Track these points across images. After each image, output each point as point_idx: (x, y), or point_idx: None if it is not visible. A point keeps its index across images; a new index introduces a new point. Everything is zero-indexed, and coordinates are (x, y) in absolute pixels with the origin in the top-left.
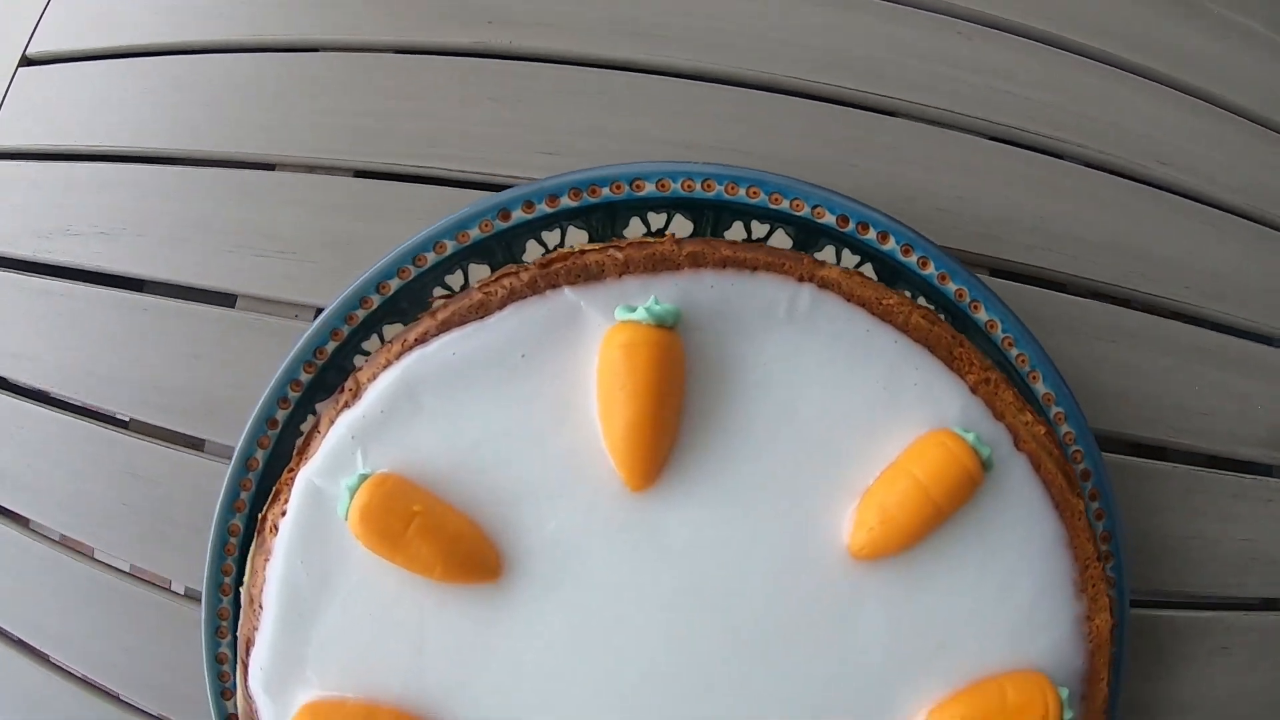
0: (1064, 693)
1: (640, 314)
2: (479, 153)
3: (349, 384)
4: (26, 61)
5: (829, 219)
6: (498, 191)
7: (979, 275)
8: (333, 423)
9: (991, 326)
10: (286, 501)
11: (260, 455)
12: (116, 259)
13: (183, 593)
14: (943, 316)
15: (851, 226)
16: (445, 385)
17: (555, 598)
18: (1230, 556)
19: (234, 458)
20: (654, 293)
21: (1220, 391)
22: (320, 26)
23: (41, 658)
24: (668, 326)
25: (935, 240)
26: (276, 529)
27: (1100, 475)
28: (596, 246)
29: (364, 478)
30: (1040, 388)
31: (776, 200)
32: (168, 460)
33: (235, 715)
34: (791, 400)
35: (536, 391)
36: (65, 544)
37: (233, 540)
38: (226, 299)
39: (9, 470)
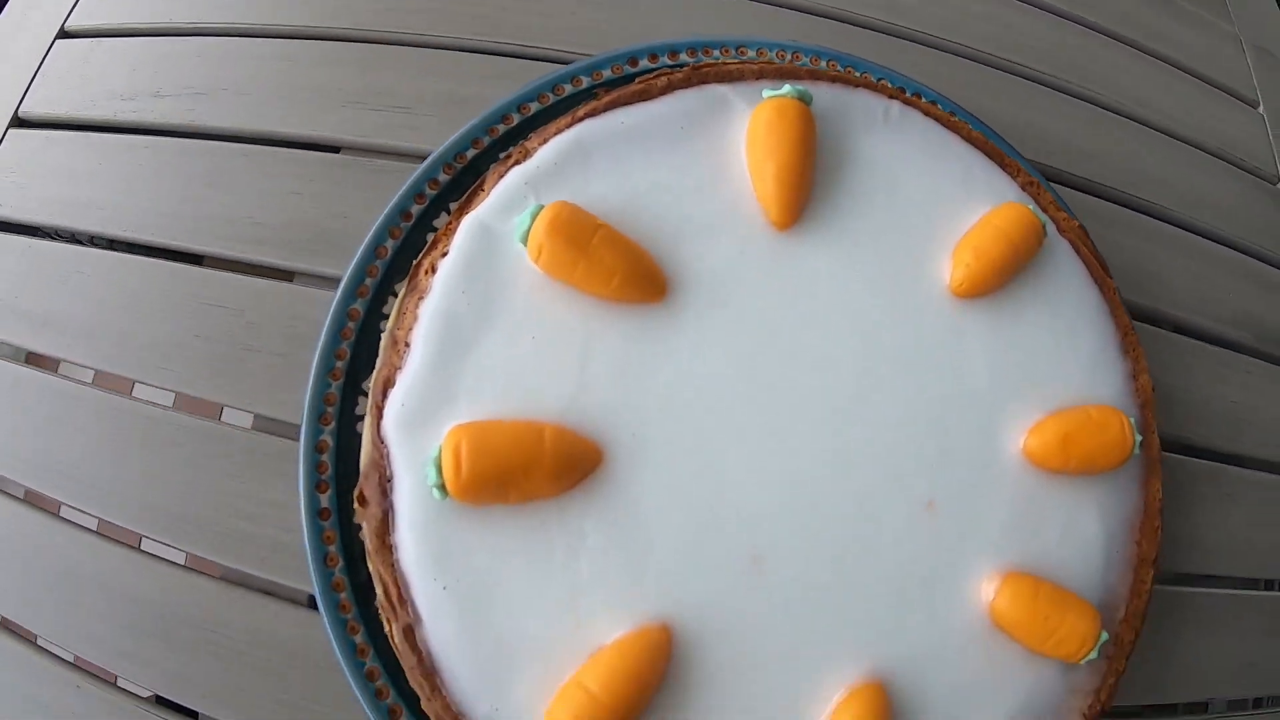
0: (1133, 420)
1: (786, 89)
2: (585, 40)
3: (515, 151)
4: None
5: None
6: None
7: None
8: (501, 177)
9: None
10: (447, 245)
11: (369, 283)
12: (210, 116)
13: (249, 426)
14: None
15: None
16: (614, 145)
17: (713, 318)
18: (1224, 414)
19: (347, 274)
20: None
21: (1187, 276)
22: None
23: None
24: (805, 101)
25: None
26: (434, 269)
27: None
28: (735, 61)
29: (542, 207)
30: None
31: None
32: (251, 290)
33: (330, 536)
34: (894, 178)
35: (694, 155)
36: (99, 384)
37: (339, 364)
38: (332, 148)
39: (67, 320)
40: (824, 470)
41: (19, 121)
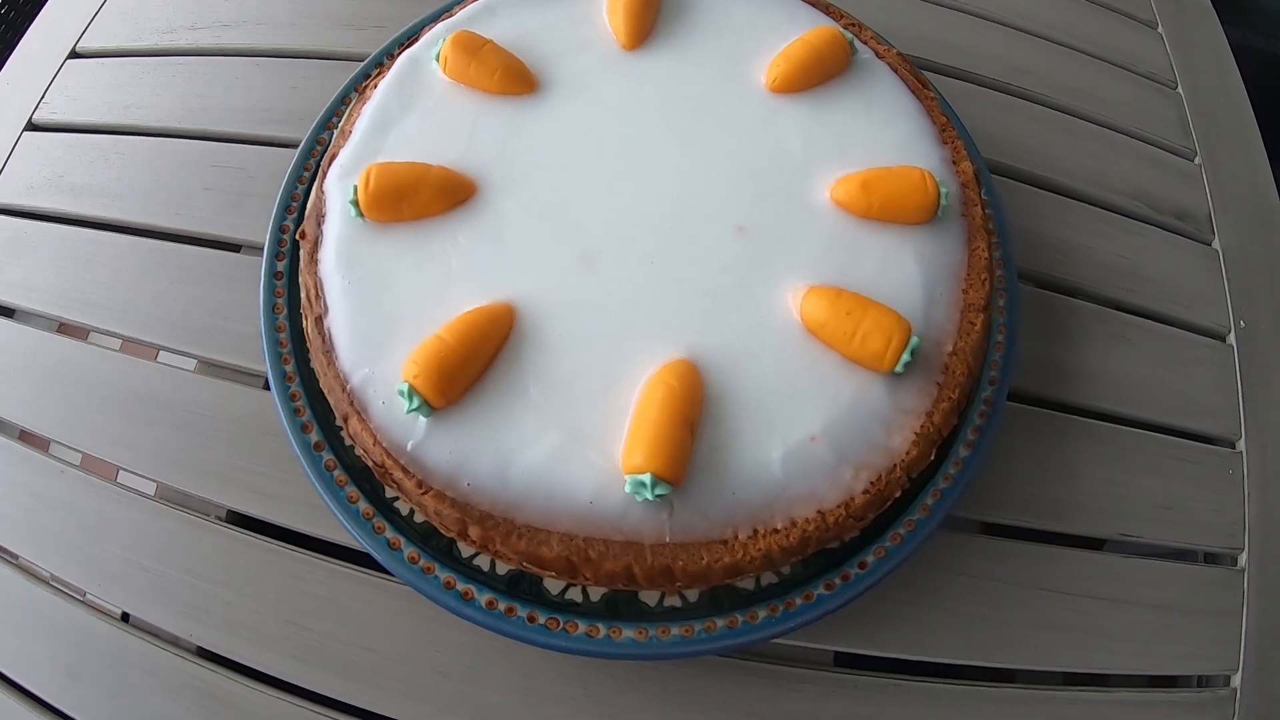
0: (939, 179)
1: None
2: None
3: (444, 14)
4: None
5: None
6: None
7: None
8: (430, 30)
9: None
10: (383, 74)
11: (335, 122)
12: (237, 39)
13: (241, 251)
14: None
15: None
16: (512, 4)
17: (571, 104)
18: (1112, 264)
19: (316, 120)
20: None
21: (1082, 153)
22: None
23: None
24: None
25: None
26: (376, 85)
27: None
28: None
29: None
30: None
31: None
32: (254, 154)
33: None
34: (729, 15)
35: (567, 6)
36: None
37: (299, 189)
38: (329, 57)
39: (106, 187)
40: (649, 199)
41: (75, 54)
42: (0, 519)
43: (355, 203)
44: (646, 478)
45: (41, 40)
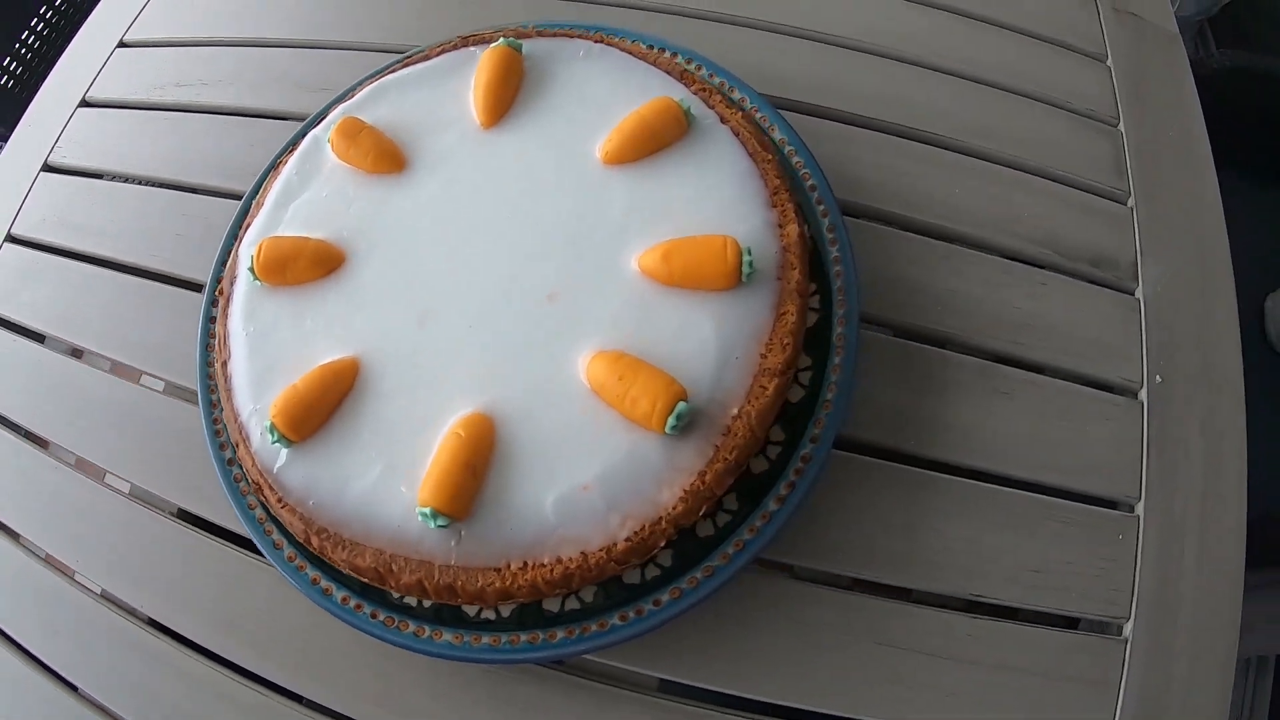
0: (746, 247)
1: (500, 41)
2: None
3: (346, 96)
4: None
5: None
6: None
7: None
8: (332, 111)
9: (724, 87)
10: (291, 154)
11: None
12: (212, 98)
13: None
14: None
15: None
16: (401, 86)
17: (432, 181)
18: (1004, 316)
19: (246, 193)
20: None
21: (987, 198)
22: None
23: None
24: (515, 48)
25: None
26: (286, 162)
27: (829, 202)
28: (490, 31)
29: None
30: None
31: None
32: (212, 204)
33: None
34: (580, 92)
35: (444, 88)
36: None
37: (235, 245)
38: (280, 116)
39: (101, 227)
40: (478, 270)
41: (85, 103)
42: (10, 503)
43: (252, 269)
44: (429, 510)
45: (58, 89)
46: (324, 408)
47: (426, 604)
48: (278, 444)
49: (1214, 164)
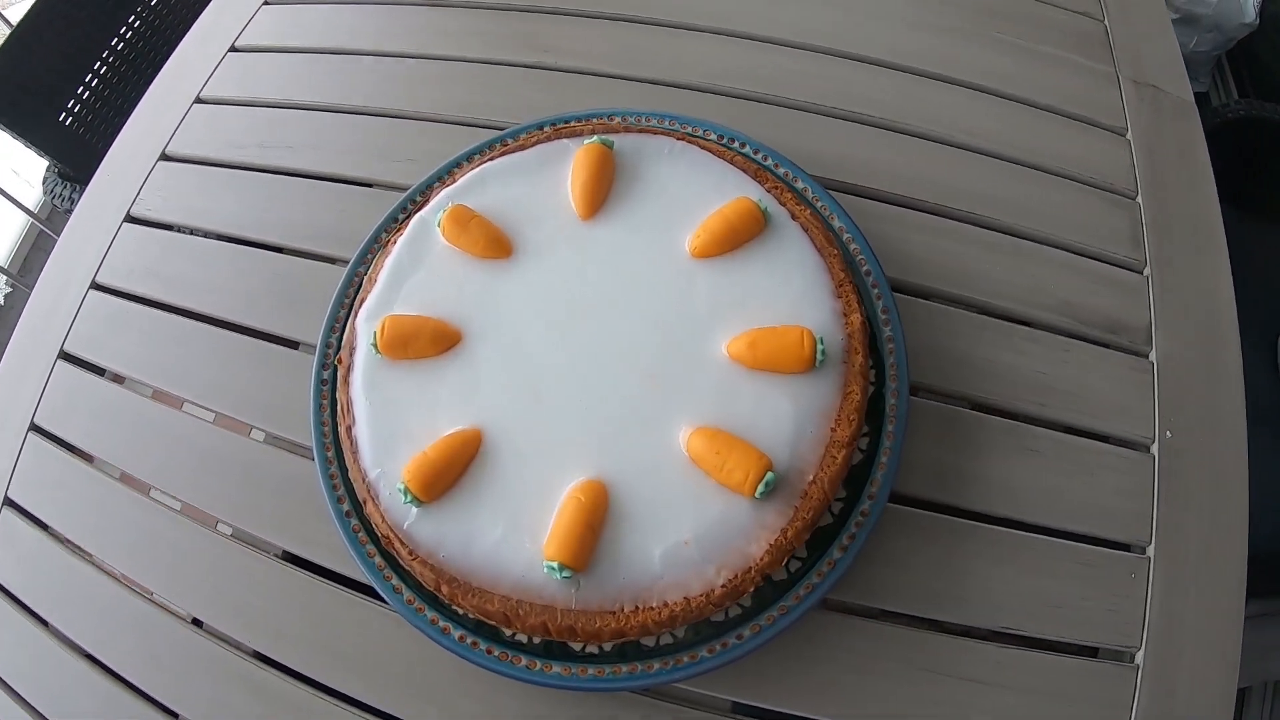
0: (819, 336)
1: (594, 139)
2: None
3: (447, 179)
4: (234, 49)
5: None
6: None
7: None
8: (437, 195)
9: (789, 177)
10: (402, 230)
11: (362, 270)
12: (297, 162)
13: (298, 349)
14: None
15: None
16: (501, 174)
17: (537, 268)
18: (1032, 381)
19: (355, 253)
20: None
21: (1014, 272)
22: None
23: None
24: (607, 146)
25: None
26: (395, 242)
27: (883, 285)
28: (580, 123)
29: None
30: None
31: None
32: (307, 268)
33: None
34: (666, 188)
35: (542, 179)
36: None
37: (346, 300)
38: (366, 184)
39: (191, 280)
40: (586, 352)
41: (165, 157)
42: (112, 547)
43: (375, 344)
44: (557, 565)
45: (135, 140)
46: (452, 473)
47: (535, 640)
48: (409, 504)
49: (1224, 233)
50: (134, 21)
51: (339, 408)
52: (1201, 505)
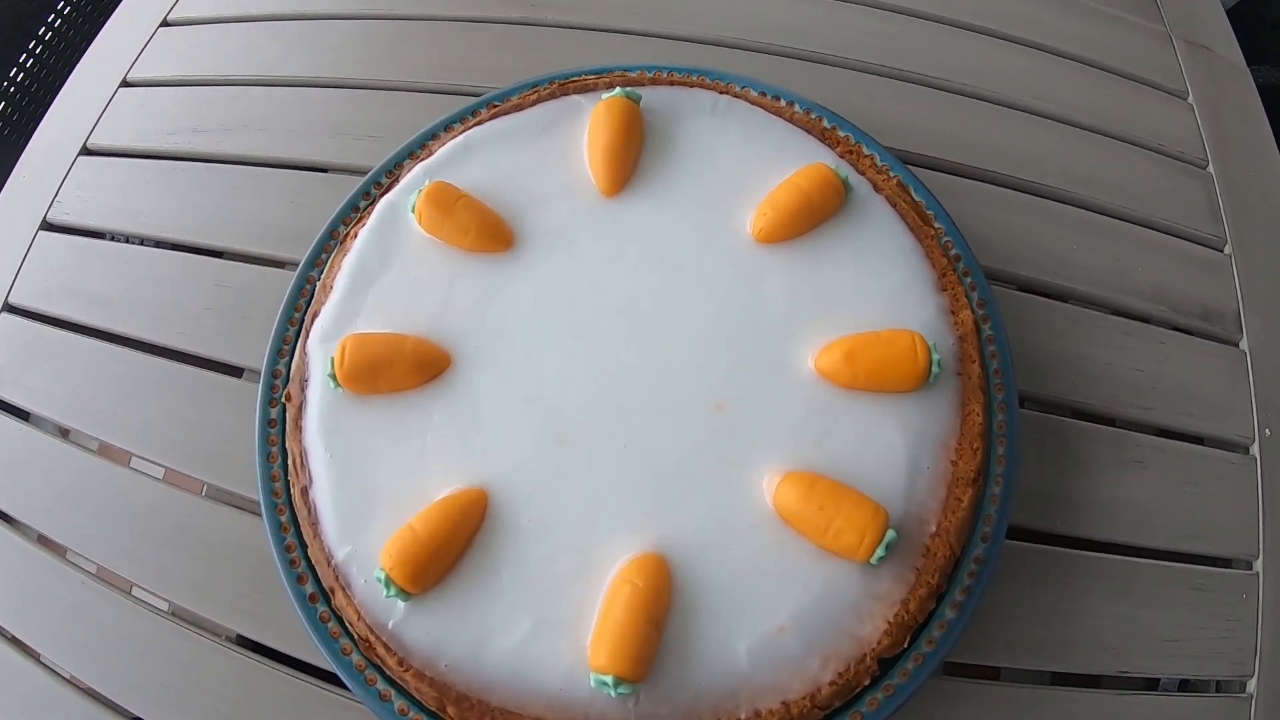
0: (932, 343)
1: (617, 92)
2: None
3: (421, 152)
4: (165, 24)
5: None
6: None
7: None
8: (409, 170)
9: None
10: (366, 218)
11: (325, 258)
12: (238, 147)
13: (241, 377)
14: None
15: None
16: (491, 143)
17: (549, 263)
18: (1132, 380)
19: (300, 265)
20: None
21: (1099, 254)
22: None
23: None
24: (634, 100)
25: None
26: (356, 235)
27: (976, 273)
28: (592, 76)
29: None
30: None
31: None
32: (254, 273)
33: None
34: (712, 152)
35: (549, 146)
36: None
37: (295, 315)
38: (320, 168)
39: (116, 297)
40: (624, 375)
41: (86, 151)
42: (20, 617)
43: (333, 375)
44: (610, 679)
45: (55, 134)
46: (450, 553)
47: None
48: (394, 597)
49: None
50: (63, 7)
51: (290, 461)
52: None
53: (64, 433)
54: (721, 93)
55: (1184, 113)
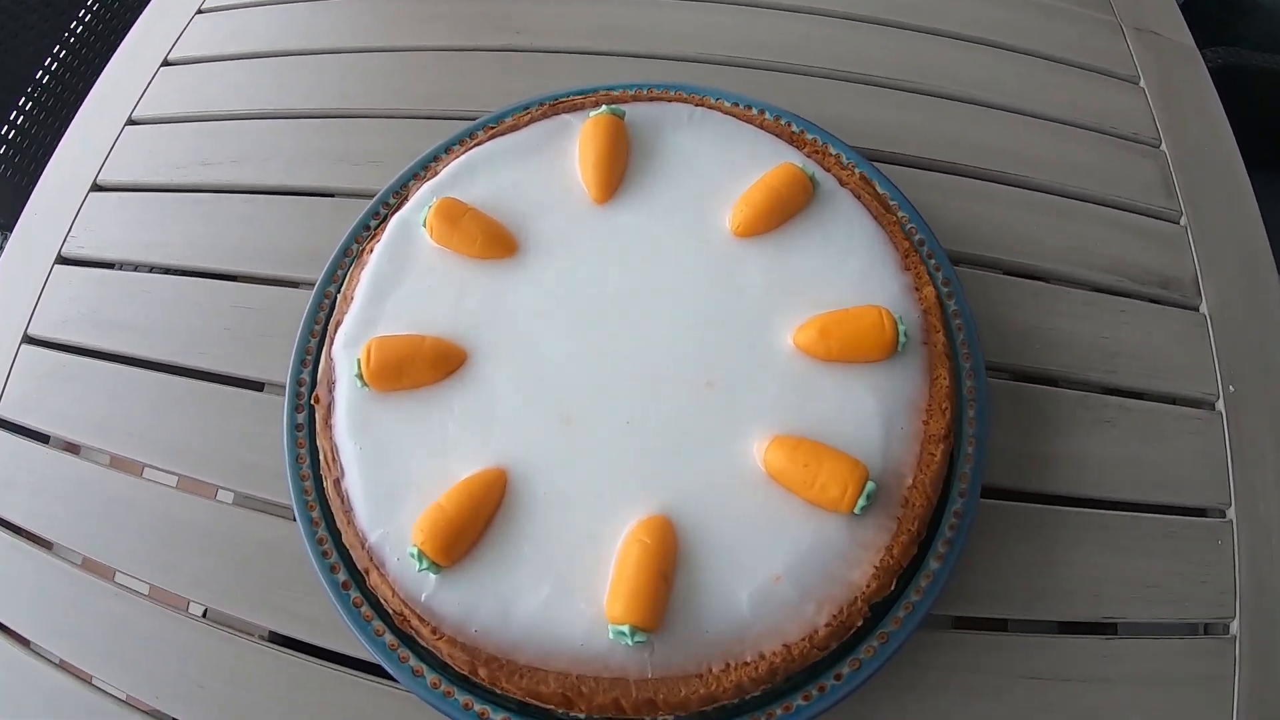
0: (898, 315)
1: (603, 109)
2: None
3: (428, 173)
4: (167, 63)
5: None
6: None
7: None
8: (417, 191)
9: (820, 144)
10: (379, 236)
11: (340, 274)
12: (247, 177)
13: (263, 390)
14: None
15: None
16: (490, 161)
17: (549, 265)
18: (1098, 347)
19: (318, 281)
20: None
21: (1060, 233)
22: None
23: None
24: (618, 116)
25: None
26: (372, 249)
27: (940, 255)
28: (580, 97)
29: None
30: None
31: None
32: (270, 295)
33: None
34: (691, 160)
35: (544, 162)
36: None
37: (316, 328)
38: (327, 193)
39: (135, 323)
40: (621, 360)
41: (97, 187)
42: (73, 640)
43: (360, 375)
44: (626, 628)
45: (64, 173)
46: (475, 527)
47: (596, 717)
48: (426, 570)
49: (1247, 175)
50: (59, 52)
51: (321, 457)
52: (1272, 456)
53: (109, 460)
54: (697, 105)
55: (1136, 97)
